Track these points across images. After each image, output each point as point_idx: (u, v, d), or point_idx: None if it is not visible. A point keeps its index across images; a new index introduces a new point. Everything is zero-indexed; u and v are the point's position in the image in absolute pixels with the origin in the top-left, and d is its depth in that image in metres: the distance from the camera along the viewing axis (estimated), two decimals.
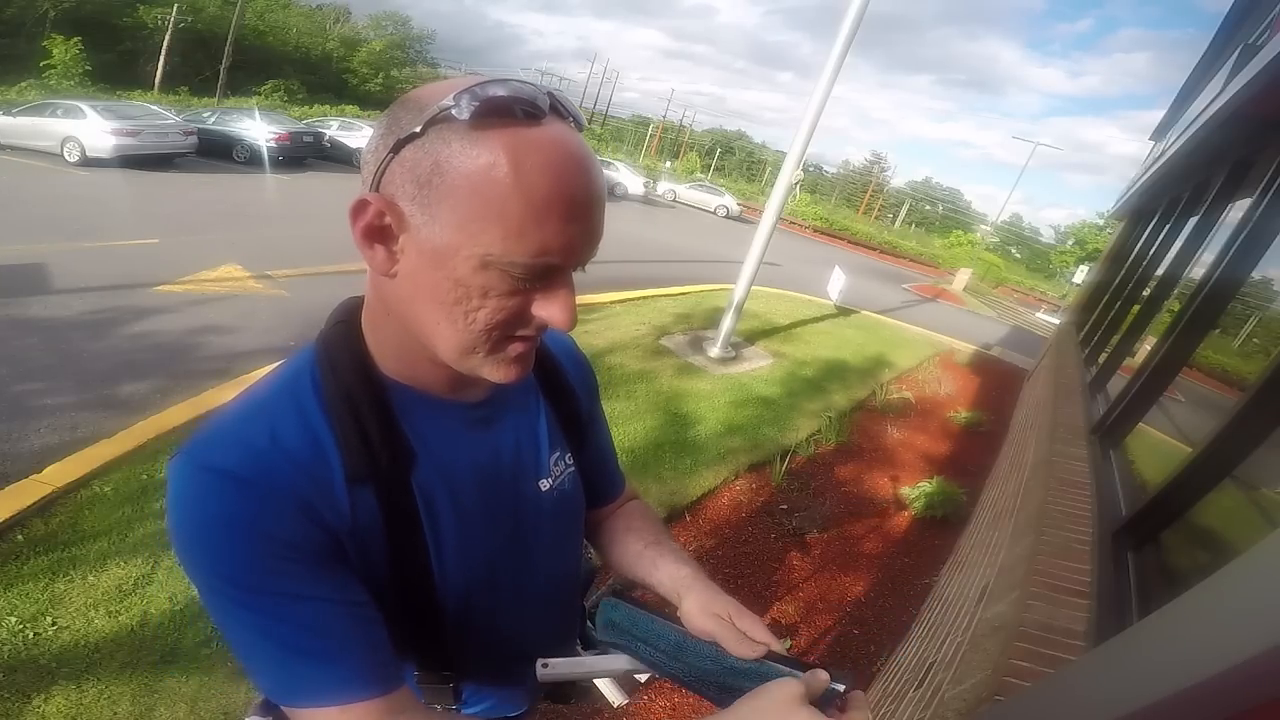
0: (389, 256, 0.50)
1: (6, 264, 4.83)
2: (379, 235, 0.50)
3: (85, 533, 2.28)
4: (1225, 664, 0.52)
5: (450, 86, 0.47)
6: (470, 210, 0.46)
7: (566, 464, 0.72)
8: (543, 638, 0.73)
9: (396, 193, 0.48)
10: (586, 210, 0.49)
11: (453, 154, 0.45)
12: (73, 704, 1.71)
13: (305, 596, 0.51)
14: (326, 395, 0.55)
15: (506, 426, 0.66)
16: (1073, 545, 1.55)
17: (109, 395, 3.28)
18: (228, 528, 0.49)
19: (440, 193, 0.46)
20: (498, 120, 0.46)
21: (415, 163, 0.47)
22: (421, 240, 0.48)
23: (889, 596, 2.91)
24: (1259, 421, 1.34)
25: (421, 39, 47.25)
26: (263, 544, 0.49)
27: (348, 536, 0.53)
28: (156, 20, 26.58)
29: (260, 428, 0.52)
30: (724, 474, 3.60)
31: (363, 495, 0.54)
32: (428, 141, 0.46)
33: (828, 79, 5.03)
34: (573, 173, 0.47)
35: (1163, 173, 4.78)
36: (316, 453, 0.53)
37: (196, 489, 0.49)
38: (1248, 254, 2.11)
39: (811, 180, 66.38)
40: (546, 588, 0.72)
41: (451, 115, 0.45)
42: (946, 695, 1.31)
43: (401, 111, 0.48)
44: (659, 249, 12.39)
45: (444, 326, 0.51)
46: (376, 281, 0.54)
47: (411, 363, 0.57)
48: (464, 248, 0.47)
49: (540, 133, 0.47)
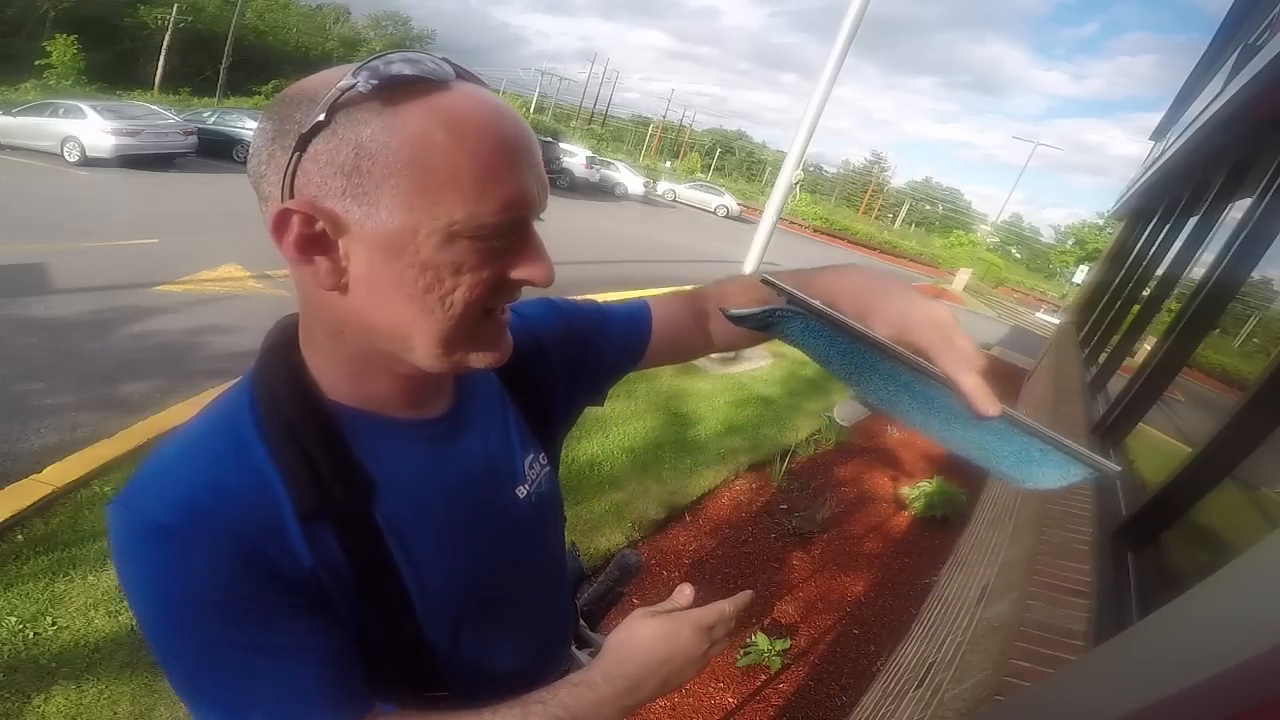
0: (333, 267, 0.45)
1: (6, 264, 4.83)
2: (315, 246, 0.44)
3: (85, 533, 2.28)
4: (1225, 664, 0.52)
5: (337, 72, 0.43)
6: (417, 184, 0.42)
7: (541, 464, 0.69)
8: (537, 645, 0.71)
9: (319, 194, 0.43)
10: (532, 153, 0.47)
11: (375, 133, 0.42)
12: (73, 704, 1.71)
13: (253, 648, 0.48)
14: (268, 428, 0.50)
15: (474, 439, 0.61)
16: (1073, 545, 1.55)
17: (109, 395, 3.28)
18: (164, 588, 0.46)
19: (375, 177, 0.42)
20: (410, 90, 0.43)
21: (331, 155, 0.42)
22: (369, 236, 0.44)
23: (889, 596, 2.91)
24: (1259, 421, 1.34)
25: (422, 39, 47.29)
26: (203, 607, 0.46)
27: (309, 576, 0.49)
28: (156, 20, 26.58)
29: (199, 470, 0.48)
30: (724, 474, 3.61)
31: (320, 533, 0.49)
32: (339, 129, 0.42)
33: (828, 79, 5.03)
34: (508, 121, 0.45)
35: (1163, 173, 4.78)
36: (262, 493, 0.48)
37: (135, 544, 0.46)
38: (1248, 254, 2.12)
39: (811, 180, 66.36)
40: (537, 595, 0.70)
41: (357, 95, 0.42)
42: (946, 695, 1.31)
43: (289, 108, 0.43)
44: (659, 249, 12.39)
45: (421, 321, 0.47)
46: (319, 300, 0.48)
47: (367, 383, 0.52)
48: (422, 225, 0.43)
49: (459, 93, 0.44)
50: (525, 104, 47.96)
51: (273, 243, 0.44)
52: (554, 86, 65.36)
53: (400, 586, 0.54)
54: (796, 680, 2.31)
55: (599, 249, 10.88)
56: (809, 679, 2.33)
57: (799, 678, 2.32)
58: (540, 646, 0.72)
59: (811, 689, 2.29)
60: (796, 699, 2.23)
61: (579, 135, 41.92)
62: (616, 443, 3.68)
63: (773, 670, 2.29)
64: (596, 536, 2.79)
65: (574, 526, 2.82)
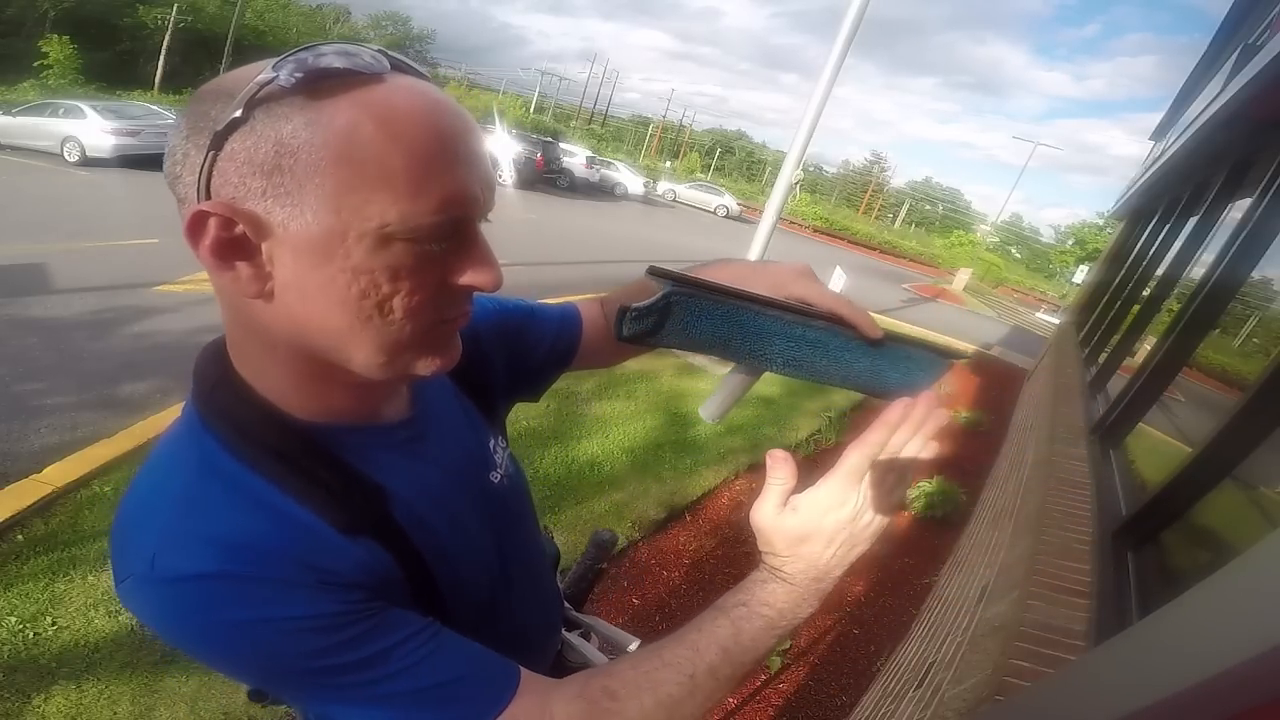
0: (256, 273, 0.42)
1: (6, 264, 4.83)
2: (235, 250, 0.41)
3: (85, 533, 2.28)
4: (1225, 664, 0.52)
5: (257, 67, 0.41)
6: (344, 182, 0.39)
7: (504, 447, 0.68)
8: (538, 629, 0.72)
9: (237, 195, 0.40)
10: (474, 149, 0.43)
11: (297, 129, 0.39)
12: (73, 704, 1.71)
13: (391, 645, 0.45)
14: (257, 461, 0.46)
15: (445, 434, 0.60)
16: (1073, 545, 1.55)
17: (109, 395, 3.28)
18: (263, 630, 0.42)
19: (299, 175, 0.39)
20: (337, 83, 0.39)
21: (250, 153, 0.39)
22: (294, 238, 0.40)
23: (889, 596, 2.91)
24: (1259, 421, 1.34)
25: (421, 39, 47.33)
26: (312, 633, 0.43)
27: (378, 584, 0.47)
28: (156, 20, 26.57)
29: (213, 516, 0.44)
30: (724, 474, 3.61)
31: (364, 545, 0.47)
32: (257, 125, 0.39)
33: (828, 79, 5.04)
34: (446, 113, 0.42)
35: (1163, 173, 4.78)
36: (290, 520, 0.45)
37: (196, 602, 0.42)
38: (1248, 254, 2.11)
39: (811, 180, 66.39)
40: (532, 577, 0.71)
41: (277, 90, 0.39)
42: (946, 695, 1.31)
43: (205, 105, 0.40)
44: (659, 249, 12.39)
45: (357, 330, 0.43)
46: (247, 311, 0.45)
47: (323, 396, 0.49)
48: (352, 227, 0.40)
49: (392, 85, 0.41)
50: (525, 104, 47.99)
51: (188, 247, 0.41)
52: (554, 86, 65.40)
53: (439, 585, 0.53)
54: (796, 680, 2.31)
55: (599, 249, 10.88)
56: (809, 679, 2.33)
57: (799, 678, 2.32)
58: (542, 630, 0.73)
59: (811, 689, 2.29)
60: (796, 699, 2.23)
61: (579, 135, 41.92)
62: (616, 443, 3.68)
63: (772, 670, 2.29)
64: None
65: (574, 526, 2.82)
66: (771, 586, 0.50)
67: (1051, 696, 0.90)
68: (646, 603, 2.51)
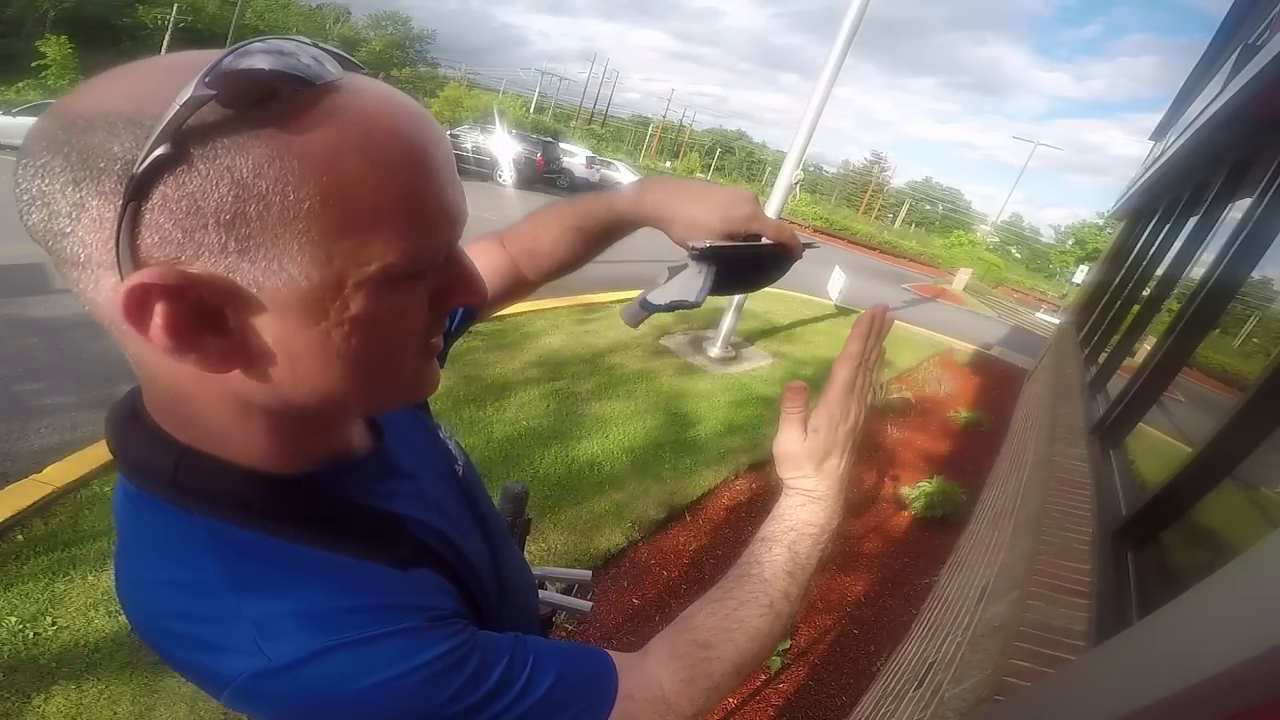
0: (228, 345, 0.34)
1: (6, 264, 4.83)
2: (197, 326, 0.33)
3: (85, 533, 2.28)
4: (1225, 664, 0.52)
5: (163, 78, 0.31)
6: (334, 225, 0.32)
7: (446, 432, 0.67)
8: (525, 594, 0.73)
9: (184, 255, 0.31)
10: (452, 160, 0.38)
11: (260, 164, 0.30)
12: (73, 704, 1.71)
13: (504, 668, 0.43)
14: (277, 531, 0.41)
15: (409, 445, 0.58)
16: (1073, 545, 1.55)
17: (109, 395, 3.27)
18: (403, 685, 0.39)
19: (270, 224, 0.31)
20: (295, 99, 0.31)
21: (196, 200, 0.30)
22: (273, 298, 0.33)
23: (889, 596, 2.91)
24: (1259, 421, 1.34)
25: (421, 39, 47.33)
26: (444, 673, 0.40)
27: (456, 604, 0.47)
28: (156, 20, 26.64)
29: (288, 594, 0.39)
30: (724, 474, 3.61)
31: (420, 575, 0.46)
32: (198, 163, 0.30)
33: (828, 79, 5.03)
34: (426, 127, 0.36)
35: (1163, 173, 4.78)
36: (356, 576, 0.42)
37: (327, 678, 0.38)
38: (1247, 254, 2.12)
39: (811, 180, 66.41)
40: (508, 547, 0.71)
41: (218, 113, 0.30)
42: (946, 695, 1.31)
43: (88, 134, 0.30)
44: (659, 249, 12.35)
45: (359, 381, 0.38)
46: (205, 383, 0.37)
47: (301, 446, 0.44)
48: (349, 275, 0.34)
49: (361, 95, 0.34)
50: (525, 104, 48.00)
51: (125, 332, 0.32)
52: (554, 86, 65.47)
53: (472, 589, 0.53)
54: (796, 680, 2.31)
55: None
56: (809, 679, 2.33)
57: (799, 678, 2.32)
58: (526, 593, 0.74)
59: (811, 689, 2.29)
60: (796, 699, 2.23)
61: (579, 135, 41.95)
62: (616, 443, 3.68)
63: (772, 670, 2.29)
64: (596, 536, 2.78)
65: (574, 526, 2.82)
66: (811, 507, 0.58)
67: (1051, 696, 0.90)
68: (646, 603, 2.51)
